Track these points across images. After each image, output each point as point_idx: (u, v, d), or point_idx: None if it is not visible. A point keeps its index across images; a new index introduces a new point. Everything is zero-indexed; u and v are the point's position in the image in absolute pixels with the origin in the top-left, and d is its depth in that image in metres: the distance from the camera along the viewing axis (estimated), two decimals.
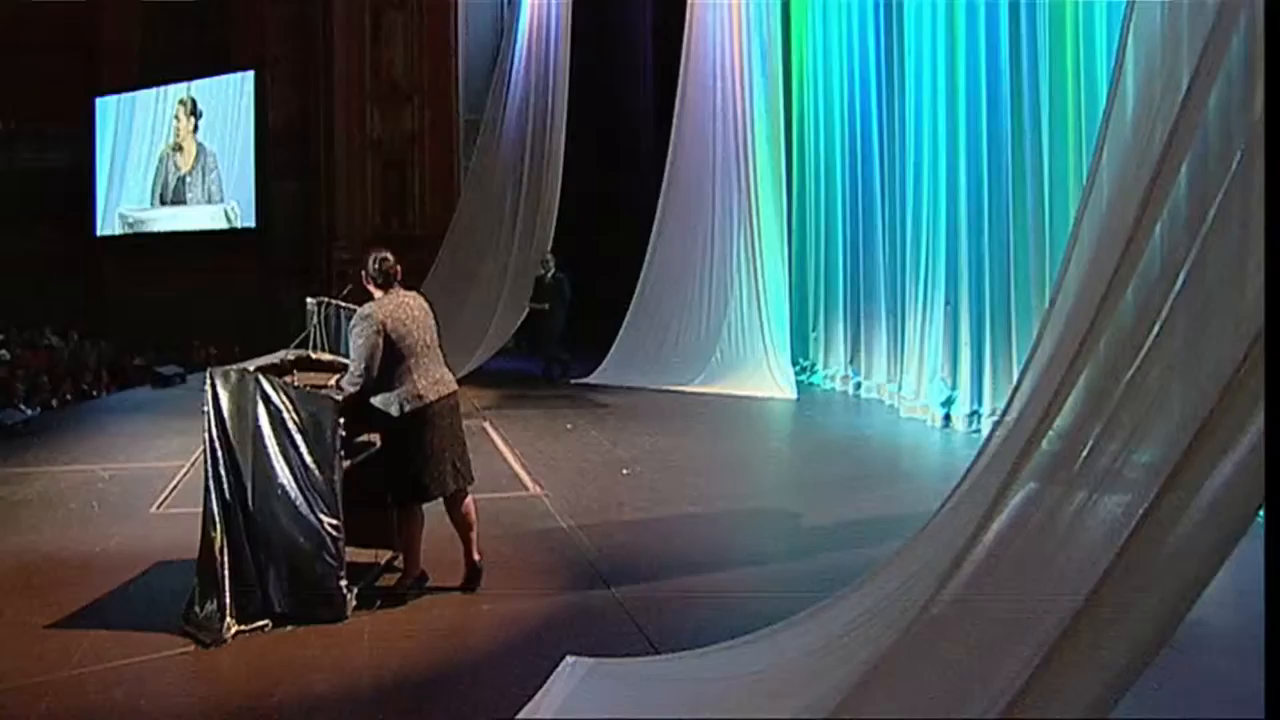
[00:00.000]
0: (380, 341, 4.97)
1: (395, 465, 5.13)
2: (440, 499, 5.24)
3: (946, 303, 9.53)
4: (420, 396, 5.04)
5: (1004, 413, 3.63)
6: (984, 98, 9.04)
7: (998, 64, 8.90)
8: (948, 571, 2.96)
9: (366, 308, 5.10)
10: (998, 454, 3.26)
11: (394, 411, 5.05)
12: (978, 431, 9.00)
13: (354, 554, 5.21)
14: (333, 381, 5.17)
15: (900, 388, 10.50)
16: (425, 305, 5.27)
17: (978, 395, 9.25)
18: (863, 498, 7.17)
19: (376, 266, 5.18)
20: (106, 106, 21.10)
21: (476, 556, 5.31)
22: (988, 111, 9.01)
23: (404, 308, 5.12)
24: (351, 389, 5.02)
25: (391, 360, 5.02)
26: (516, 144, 15.63)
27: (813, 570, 5.58)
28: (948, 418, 9.50)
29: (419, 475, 5.09)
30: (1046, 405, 2.85)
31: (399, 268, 5.26)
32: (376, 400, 5.07)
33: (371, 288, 5.20)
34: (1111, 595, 2.22)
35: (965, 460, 4.67)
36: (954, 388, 9.51)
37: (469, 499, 5.32)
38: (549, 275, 13.02)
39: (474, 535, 5.32)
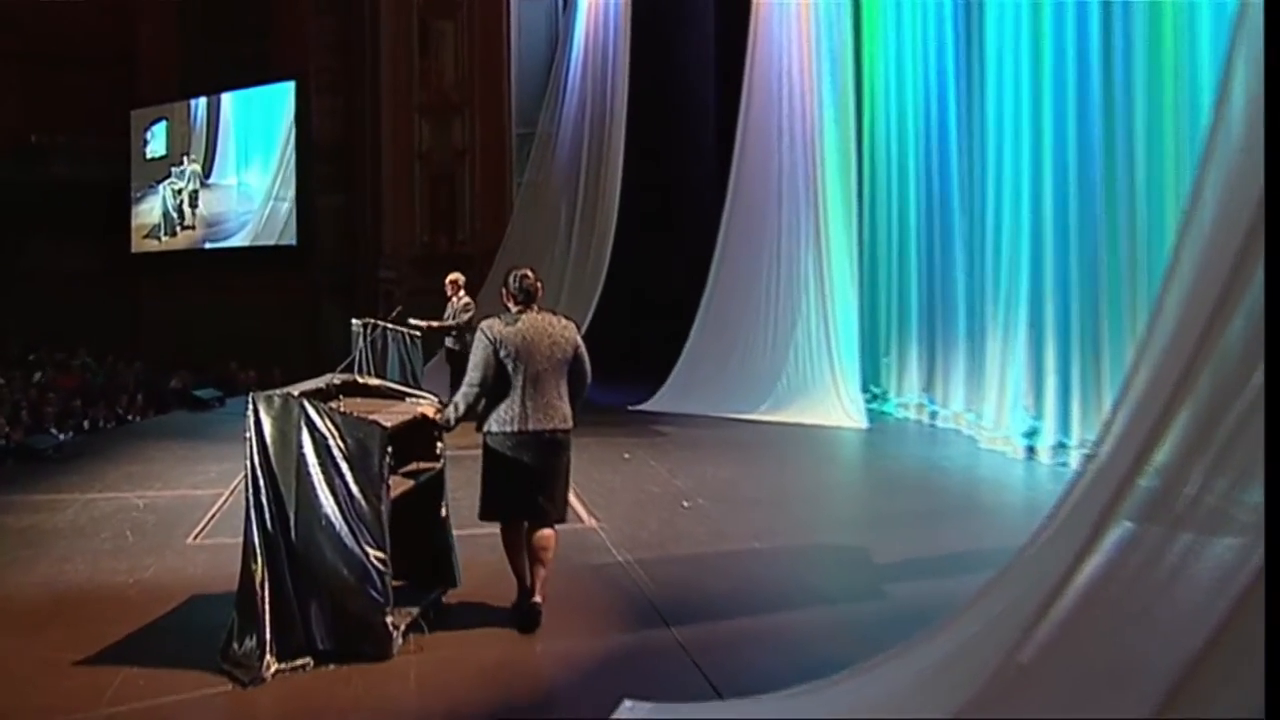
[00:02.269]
0: (492, 357, 5.20)
1: (482, 481, 5.36)
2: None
3: (1030, 326, 9.41)
4: (512, 421, 5.21)
5: (1096, 445, 3.56)
6: (1072, 103, 8.90)
7: (1088, 66, 8.74)
8: (1035, 617, 2.90)
9: (485, 321, 5.34)
10: (1090, 489, 3.19)
11: (484, 427, 5.28)
12: (1065, 465, 8.86)
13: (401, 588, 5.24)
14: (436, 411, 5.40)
15: (979, 417, 10.38)
16: (563, 334, 5.34)
17: (1064, 426, 9.10)
18: (940, 534, 7.09)
19: (516, 284, 5.36)
20: (143, 119, 21.56)
21: (538, 597, 5.35)
22: (1076, 118, 8.87)
23: (532, 329, 5.26)
24: (462, 402, 5.27)
25: (501, 379, 5.22)
26: (572, 159, 15.74)
27: (886, 611, 5.55)
28: (1031, 449, 9.37)
29: (489, 497, 5.33)
30: (1144, 439, 2.79)
31: (540, 285, 5.42)
32: (489, 417, 5.28)
33: (511, 304, 5.36)
34: (1223, 648, 2.15)
35: (1051, 495, 4.60)
36: (1038, 417, 9.37)
37: (552, 537, 5.41)
38: (461, 301, 11.34)
39: (544, 574, 5.39)
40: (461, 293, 11.22)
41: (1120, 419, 3.22)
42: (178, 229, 21.70)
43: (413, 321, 11.21)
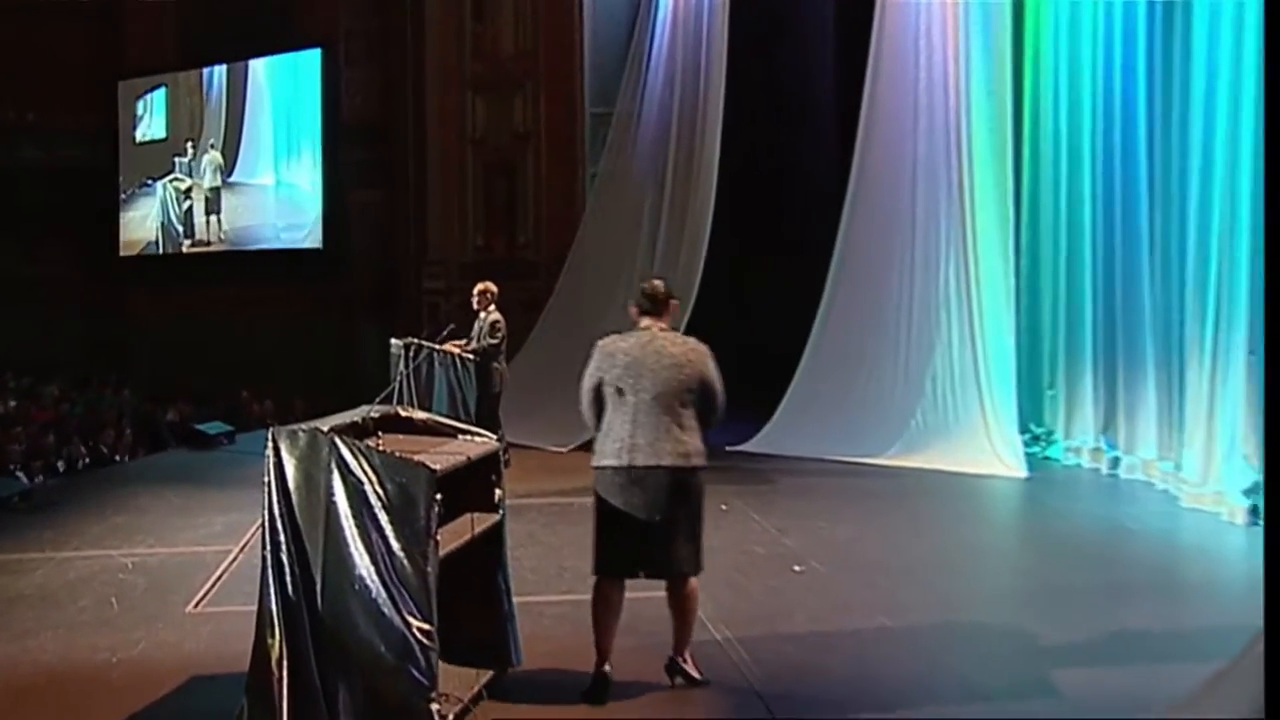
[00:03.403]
0: (596, 378, 5.62)
1: (594, 527, 5.64)
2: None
3: (1250, 351, 9.19)
4: (619, 454, 5.47)
5: None
6: None
7: None
8: None
9: (604, 339, 5.75)
10: None
11: (593, 462, 5.61)
12: None
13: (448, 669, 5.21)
14: None
15: (1179, 467, 10.22)
16: (687, 355, 5.59)
17: None
18: (1127, 615, 6.96)
19: (642, 292, 5.80)
20: (134, 91, 20.96)
21: (679, 656, 5.65)
22: None
23: (649, 345, 5.58)
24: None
25: (608, 404, 5.58)
26: (658, 144, 15.73)
27: (1056, 710, 5.48)
28: (1255, 511, 9.08)
29: (599, 546, 5.60)
30: None
31: (669, 297, 5.80)
32: (597, 449, 5.62)
33: (637, 317, 5.75)
34: None
35: None
36: (1266, 470, 9.10)
37: (689, 586, 5.67)
38: (489, 318, 11.34)
39: (684, 628, 5.67)
40: (492, 308, 11.28)
41: None
42: (184, 247, 20.73)
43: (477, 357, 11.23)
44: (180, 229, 20.79)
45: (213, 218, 20.40)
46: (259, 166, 20.14)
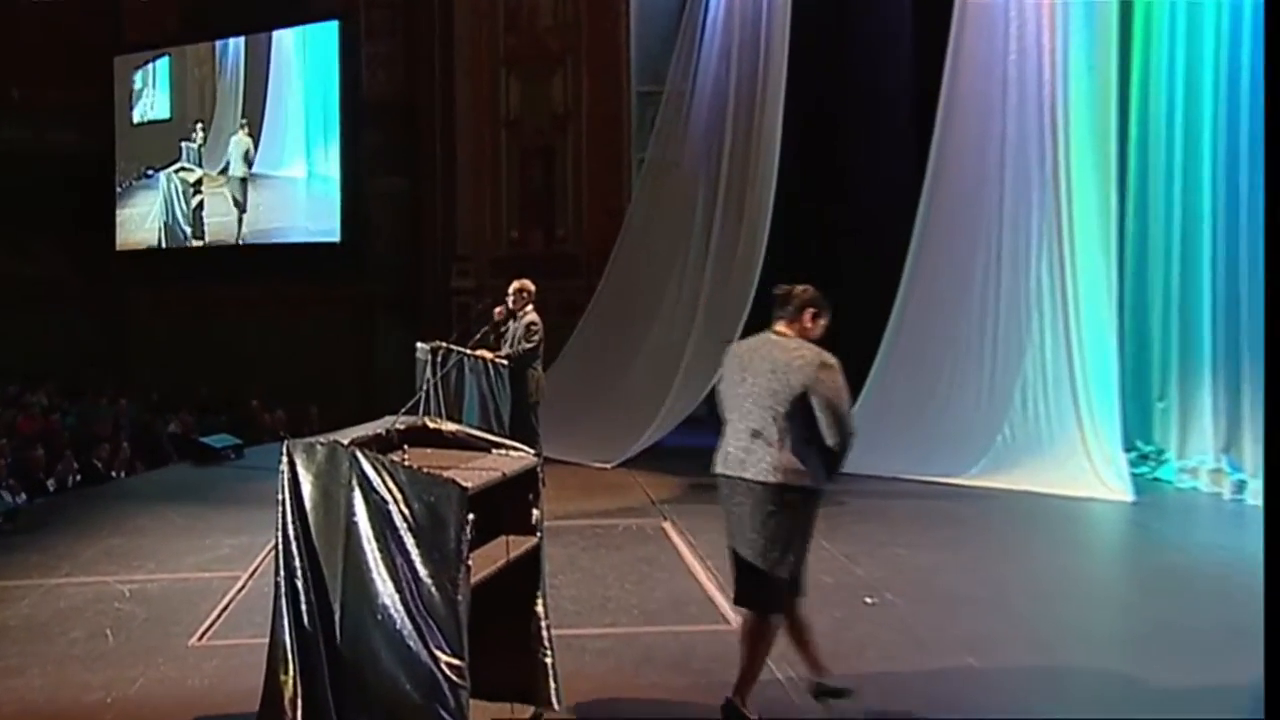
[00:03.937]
0: (718, 381, 5.87)
1: None
2: None
3: None
4: (717, 461, 5.72)
5: None
6: None
7: None
8: None
9: None
10: None
11: None
12: None
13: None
14: None
15: None
16: (790, 361, 5.64)
17: None
18: (1253, 661, 6.73)
19: (781, 292, 5.95)
20: (131, 67, 20.68)
21: (736, 697, 5.67)
22: None
23: (759, 347, 5.75)
24: None
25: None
26: (712, 127, 15.72)
27: None
28: None
29: None
30: None
31: (799, 300, 5.90)
32: None
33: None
34: None
35: None
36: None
37: (766, 622, 5.78)
38: (524, 320, 11.42)
39: (748, 667, 5.74)
40: (529, 308, 11.27)
41: None
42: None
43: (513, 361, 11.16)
44: (188, 230, 20.39)
45: (241, 214, 20.01)
46: (286, 156, 19.78)
